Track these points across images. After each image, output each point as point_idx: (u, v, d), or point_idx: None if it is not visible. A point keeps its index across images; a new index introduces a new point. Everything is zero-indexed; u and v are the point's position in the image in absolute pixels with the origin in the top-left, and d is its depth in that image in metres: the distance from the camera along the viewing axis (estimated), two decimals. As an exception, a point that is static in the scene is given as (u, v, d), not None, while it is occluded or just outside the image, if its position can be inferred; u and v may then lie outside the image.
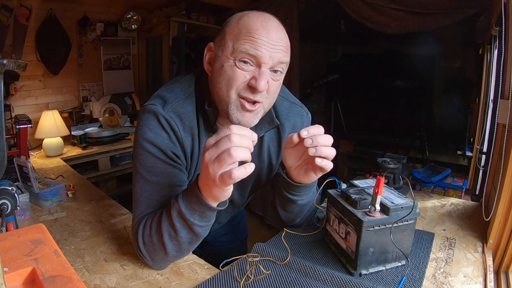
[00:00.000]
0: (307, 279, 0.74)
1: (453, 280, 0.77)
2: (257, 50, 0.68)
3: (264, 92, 0.72)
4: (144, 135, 0.76)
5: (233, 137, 0.57)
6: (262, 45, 0.69)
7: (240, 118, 0.74)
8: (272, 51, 0.70)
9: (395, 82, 3.14)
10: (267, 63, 0.70)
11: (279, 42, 0.71)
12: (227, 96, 0.73)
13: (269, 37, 0.69)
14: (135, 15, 2.74)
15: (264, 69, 0.70)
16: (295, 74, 2.71)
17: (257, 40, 0.68)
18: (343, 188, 0.85)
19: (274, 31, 0.70)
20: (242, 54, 0.69)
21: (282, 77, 0.77)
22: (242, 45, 0.69)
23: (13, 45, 2.11)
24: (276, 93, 0.78)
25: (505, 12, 1.03)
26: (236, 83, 0.71)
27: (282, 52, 0.71)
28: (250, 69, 0.71)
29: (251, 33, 0.69)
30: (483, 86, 1.88)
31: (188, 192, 0.69)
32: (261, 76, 0.69)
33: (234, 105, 0.73)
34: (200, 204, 0.67)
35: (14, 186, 0.96)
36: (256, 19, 0.71)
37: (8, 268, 0.51)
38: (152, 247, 0.75)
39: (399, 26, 2.02)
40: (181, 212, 0.68)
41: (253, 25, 0.70)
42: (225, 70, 0.72)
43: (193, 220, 0.69)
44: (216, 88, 0.75)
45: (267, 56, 0.69)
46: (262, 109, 0.76)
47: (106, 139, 2.39)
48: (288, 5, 2.57)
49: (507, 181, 0.87)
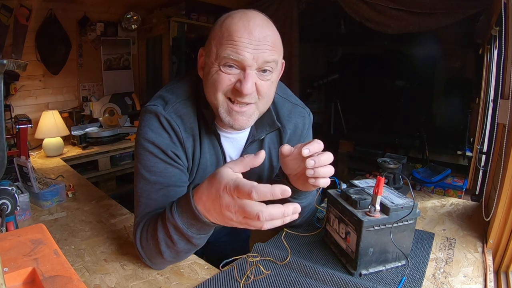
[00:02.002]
0: (307, 279, 0.74)
1: (453, 280, 0.77)
2: (239, 54, 0.67)
3: (254, 93, 0.71)
4: (145, 135, 0.76)
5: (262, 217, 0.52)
6: (244, 47, 0.67)
7: (232, 122, 0.74)
8: (256, 52, 0.68)
9: (395, 82, 3.14)
10: (251, 65, 0.69)
11: (263, 41, 0.69)
12: (215, 100, 0.73)
13: (251, 38, 0.67)
14: (135, 15, 2.74)
15: (249, 71, 0.69)
16: (295, 74, 2.71)
17: (238, 43, 0.67)
18: (343, 188, 0.85)
19: (257, 30, 0.68)
20: (225, 59, 0.68)
21: (274, 76, 0.74)
22: (224, 51, 0.68)
23: (13, 45, 2.11)
24: (270, 93, 0.76)
25: (505, 12, 1.03)
26: (222, 87, 0.71)
27: (268, 51, 0.69)
28: (236, 72, 0.70)
29: (232, 37, 0.67)
30: (483, 86, 1.88)
31: (184, 208, 0.66)
32: (246, 79, 0.68)
33: (223, 109, 0.73)
34: (197, 221, 0.65)
35: (14, 186, 0.95)
36: (238, 21, 0.69)
37: (8, 268, 0.51)
38: (149, 251, 0.75)
39: (399, 26, 2.02)
40: (177, 227, 0.67)
41: (234, 27, 0.68)
42: (212, 75, 0.72)
43: (191, 234, 0.67)
44: (207, 93, 0.75)
45: (249, 58, 0.68)
46: (257, 110, 0.75)
47: (106, 139, 2.39)
48: (288, 5, 2.57)
49: (507, 181, 0.87)
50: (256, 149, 0.90)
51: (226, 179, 0.57)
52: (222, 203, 0.56)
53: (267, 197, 0.51)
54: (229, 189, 0.55)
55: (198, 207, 0.62)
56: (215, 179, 0.58)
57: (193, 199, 0.63)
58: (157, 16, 2.75)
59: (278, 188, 0.51)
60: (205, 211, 0.62)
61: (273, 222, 0.53)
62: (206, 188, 0.61)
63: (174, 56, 2.83)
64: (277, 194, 0.51)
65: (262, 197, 0.51)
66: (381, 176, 0.71)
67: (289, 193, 0.52)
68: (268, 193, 0.51)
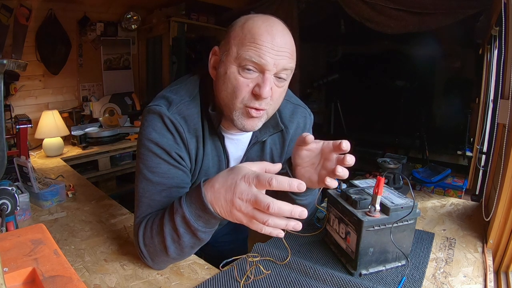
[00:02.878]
0: (307, 279, 0.74)
1: (453, 280, 0.77)
2: (261, 58, 0.68)
3: (268, 99, 0.72)
4: (149, 135, 0.75)
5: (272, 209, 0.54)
6: (266, 52, 0.68)
7: (244, 123, 0.74)
8: (277, 57, 0.69)
9: (395, 82, 3.14)
10: (271, 70, 0.69)
11: (284, 48, 0.70)
12: (232, 105, 0.73)
13: (274, 43, 0.68)
14: (135, 15, 2.75)
15: (268, 75, 0.69)
16: (295, 74, 2.66)
17: (261, 47, 0.68)
18: (343, 188, 0.85)
19: (279, 36, 0.69)
20: (246, 61, 0.69)
21: (286, 84, 0.76)
22: (246, 52, 0.68)
23: (13, 45, 2.11)
24: (280, 99, 0.77)
25: (505, 12, 1.03)
26: (241, 94, 0.71)
27: (287, 59, 0.71)
28: (253, 76, 0.70)
29: (255, 39, 0.68)
30: (483, 86, 1.88)
31: (193, 198, 0.66)
32: (265, 83, 0.69)
33: (239, 113, 0.73)
34: (206, 213, 0.65)
35: (14, 186, 0.95)
36: (261, 24, 0.69)
37: (8, 268, 0.51)
38: (153, 248, 0.74)
39: (399, 26, 2.02)
40: (185, 217, 0.67)
41: (257, 30, 0.69)
42: (229, 78, 0.71)
43: (197, 226, 0.67)
44: (221, 94, 0.75)
45: (271, 63, 0.68)
46: (266, 114, 0.76)
47: (106, 139, 2.39)
48: (288, 5, 2.57)
49: (507, 181, 0.87)
50: (258, 150, 0.91)
51: (246, 170, 0.60)
52: (236, 191, 0.58)
53: (285, 187, 0.55)
54: (247, 178, 0.58)
55: (207, 195, 0.63)
56: (235, 169, 0.62)
57: (203, 187, 0.64)
58: (157, 16, 2.75)
59: (296, 181, 0.55)
60: (213, 200, 0.63)
61: (278, 222, 0.56)
62: (223, 176, 0.62)
63: (174, 56, 2.83)
64: (293, 186, 0.55)
65: (280, 186, 0.55)
66: (381, 176, 0.71)
67: (304, 188, 0.55)
68: (286, 183, 0.55)
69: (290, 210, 0.55)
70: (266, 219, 0.56)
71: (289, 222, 0.56)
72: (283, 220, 0.56)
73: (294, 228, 0.57)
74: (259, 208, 0.56)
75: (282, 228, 0.57)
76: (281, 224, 0.56)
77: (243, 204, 0.58)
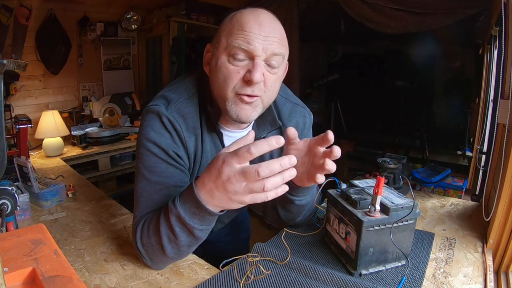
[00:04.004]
0: (307, 279, 0.74)
1: (453, 280, 0.77)
2: (249, 44, 0.69)
3: (261, 84, 0.72)
4: (147, 135, 0.76)
5: (262, 172, 0.54)
6: (255, 38, 0.69)
7: (238, 112, 0.74)
8: (265, 43, 0.70)
9: (395, 82, 3.13)
10: (260, 55, 0.70)
11: (272, 34, 0.71)
12: (224, 95, 0.73)
13: (261, 29, 0.69)
14: (135, 15, 2.74)
15: (257, 61, 0.70)
16: (295, 74, 2.72)
17: (249, 33, 0.69)
18: (343, 188, 0.85)
19: (267, 23, 0.70)
20: (235, 49, 0.70)
21: (280, 71, 0.76)
22: (235, 40, 0.69)
23: (13, 45, 2.11)
24: (275, 87, 0.77)
25: (505, 12, 1.03)
26: (232, 82, 0.71)
27: (276, 44, 0.71)
28: (244, 64, 0.71)
29: (243, 27, 0.69)
30: (483, 86, 1.88)
31: (187, 197, 0.67)
32: (255, 68, 0.69)
33: (232, 102, 0.74)
34: (200, 209, 0.65)
35: (14, 186, 0.95)
36: (248, 13, 0.72)
37: (8, 268, 0.51)
38: (151, 248, 0.74)
39: (399, 26, 2.02)
40: (180, 216, 0.67)
41: (245, 19, 0.70)
42: (220, 68, 0.72)
43: (193, 224, 0.67)
44: (215, 86, 0.76)
45: (259, 48, 0.69)
46: (261, 103, 0.76)
47: (106, 139, 2.39)
48: (288, 5, 2.57)
49: (507, 181, 0.87)
50: None
51: (224, 154, 0.59)
52: (224, 178, 0.58)
53: (264, 148, 0.55)
54: (226, 160, 0.58)
55: (201, 194, 0.63)
56: (214, 159, 0.61)
57: (196, 186, 0.64)
58: (157, 16, 2.75)
59: (273, 137, 0.56)
60: (208, 197, 0.63)
61: (275, 181, 0.56)
62: (206, 172, 0.62)
63: (174, 56, 2.83)
64: (272, 143, 0.55)
65: (260, 149, 0.55)
66: (381, 176, 0.71)
67: (282, 142, 0.56)
68: (265, 144, 0.55)
69: (279, 164, 0.55)
70: (262, 185, 0.55)
71: (283, 175, 0.56)
72: (278, 177, 0.56)
73: (290, 176, 0.57)
74: (250, 179, 0.56)
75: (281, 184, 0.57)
76: (278, 181, 0.56)
77: (235, 185, 0.57)
